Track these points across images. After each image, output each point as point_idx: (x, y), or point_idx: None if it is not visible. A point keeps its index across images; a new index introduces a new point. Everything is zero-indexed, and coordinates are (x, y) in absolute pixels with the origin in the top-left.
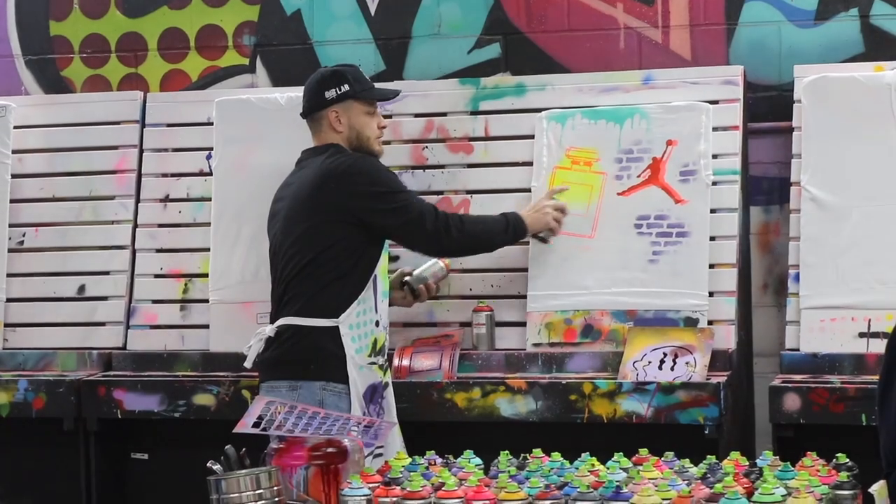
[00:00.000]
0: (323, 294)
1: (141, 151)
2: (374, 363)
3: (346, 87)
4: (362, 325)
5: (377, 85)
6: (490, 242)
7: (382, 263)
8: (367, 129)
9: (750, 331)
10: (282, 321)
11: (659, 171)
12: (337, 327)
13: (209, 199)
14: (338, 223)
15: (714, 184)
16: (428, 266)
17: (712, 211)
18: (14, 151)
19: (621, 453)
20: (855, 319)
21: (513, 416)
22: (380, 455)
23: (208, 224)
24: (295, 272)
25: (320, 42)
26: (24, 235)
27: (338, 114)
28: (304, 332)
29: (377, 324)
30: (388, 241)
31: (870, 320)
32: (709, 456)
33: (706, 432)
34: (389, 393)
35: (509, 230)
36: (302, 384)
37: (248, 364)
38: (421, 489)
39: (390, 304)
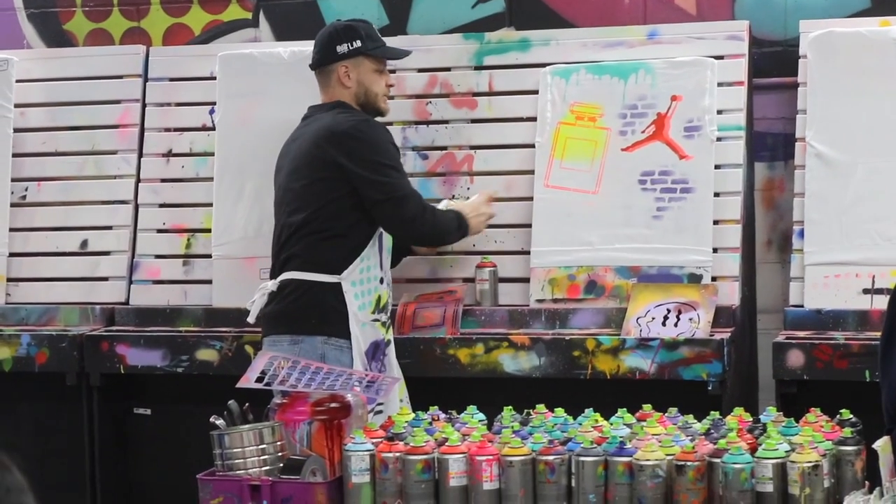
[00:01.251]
0: (324, 249)
1: (143, 106)
2: (377, 320)
3: (357, 43)
4: (366, 281)
5: (386, 41)
6: (445, 240)
7: None
8: (376, 86)
9: (754, 287)
10: (285, 275)
11: (663, 127)
12: (339, 283)
13: (212, 154)
14: (337, 180)
15: (719, 139)
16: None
17: (717, 167)
18: (16, 105)
19: (625, 409)
20: (859, 276)
21: (516, 371)
22: (380, 412)
23: (211, 179)
24: (296, 227)
25: None
26: (26, 190)
27: (347, 69)
28: (306, 286)
29: (381, 280)
30: None
31: (874, 276)
32: (712, 412)
33: (709, 388)
34: (391, 350)
35: (461, 229)
36: (304, 338)
37: (251, 319)
38: (424, 444)
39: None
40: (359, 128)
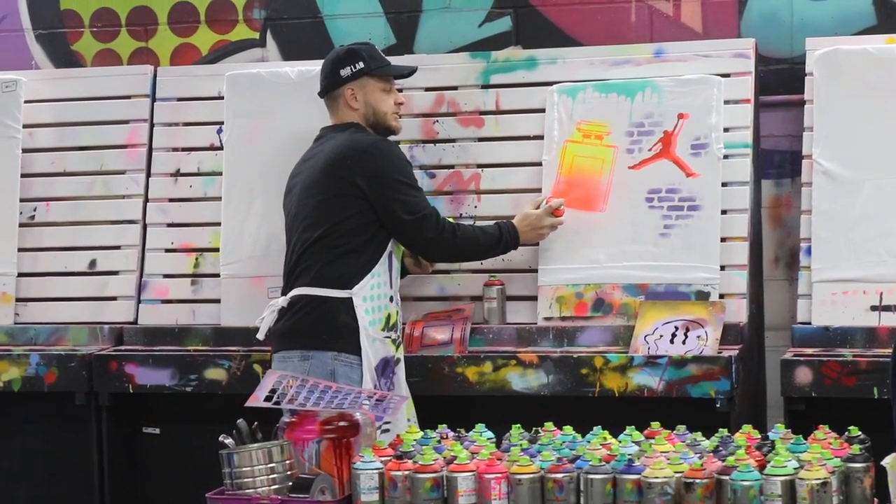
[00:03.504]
0: (336, 265)
1: (151, 126)
2: (388, 337)
3: (360, 65)
4: (376, 297)
5: (393, 60)
6: (477, 256)
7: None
8: (383, 106)
9: (761, 304)
10: (295, 291)
11: (670, 145)
12: (350, 298)
13: (220, 174)
14: (352, 198)
15: (725, 157)
16: None
17: (724, 184)
18: (25, 126)
19: (633, 427)
20: (867, 293)
21: (524, 389)
22: (387, 430)
23: (219, 198)
24: (309, 244)
25: (330, 16)
26: (35, 210)
27: (353, 91)
28: (317, 301)
29: (391, 299)
30: None
31: (881, 293)
32: (720, 429)
33: (718, 406)
34: (401, 369)
35: (501, 243)
36: (313, 354)
37: (260, 336)
38: (433, 462)
39: (406, 273)
40: (377, 146)
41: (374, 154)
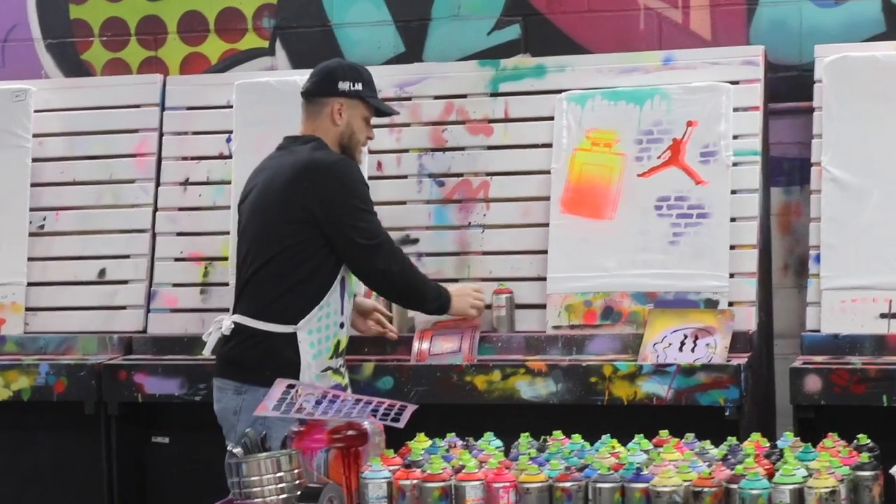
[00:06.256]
0: (283, 299)
1: (161, 135)
2: (329, 368)
3: (359, 86)
4: (323, 328)
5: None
6: (415, 300)
7: None
8: (360, 134)
9: (770, 312)
10: (239, 318)
11: (679, 152)
12: (295, 333)
13: (229, 183)
14: (305, 223)
15: (734, 165)
16: None
17: (733, 192)
18: (34, 135)
19: (642, 435)
20: (876, 300)
21: (533, 398)
22: None
23: (228, 207)
24: (256, 268)
25: (340, 24)
26: (44, 219)
27: (342, 107)
28: (259, 336)
29: (342, 326)
30: None
31: (891, 301)
32: (729, 437)
33: (727, 414)
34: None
35: (438, 300)
36: (248, 388)
37: (206, 352)
38: (441, 471)
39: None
40: (337, 167)
41: (332, 176)
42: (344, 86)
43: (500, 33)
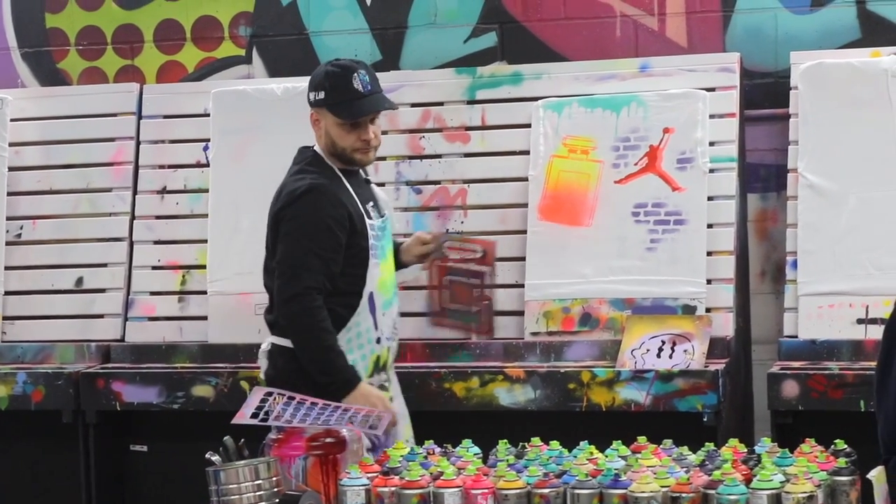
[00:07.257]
0: None
1: (138, 143)
2: (371, 384)
3: (321, 95)
4: (356, 349)
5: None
6: (303, 349)
7: (381, 276)
8: (342, 141)
9: (748, 318)
10: (272, 340)
11: (656, 159)
12: None
13: (206, 191)
14: None
15: (711, 171)
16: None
17: (709, 198)
18: (11, 144)
19: (620, 441)
20: (853, 306)
21: (511, 405)
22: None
23: (206, 215)
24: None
25: (316, 32)
26: (21, 228)
27: (317, 118)
28: (293, 355)
29: (378, 341)
30: (380, 250)
31: (867, 306)
32: (707, 443)
33: (704, 420)
34: (397, 402)
35: (337, 374)
36: None
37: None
38: (419, 479)
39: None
40: (304, 200)
41: (285, 205)
42: (311, 96)
43: (476, 41)
